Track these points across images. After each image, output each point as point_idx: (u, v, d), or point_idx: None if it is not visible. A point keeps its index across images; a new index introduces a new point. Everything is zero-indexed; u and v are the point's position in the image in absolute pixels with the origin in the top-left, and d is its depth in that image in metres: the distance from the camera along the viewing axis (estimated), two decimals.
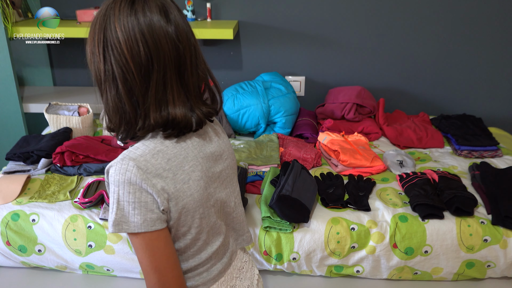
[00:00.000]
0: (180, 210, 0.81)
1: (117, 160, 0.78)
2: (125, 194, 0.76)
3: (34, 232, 1.54)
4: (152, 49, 0.76)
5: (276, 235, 1.52)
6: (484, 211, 1.59)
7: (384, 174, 1.86)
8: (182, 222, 0.82)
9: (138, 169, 0.76)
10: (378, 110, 2.32)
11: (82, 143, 1.86)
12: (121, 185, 0.76)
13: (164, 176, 0.78)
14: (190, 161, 0.83)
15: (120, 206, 0.76)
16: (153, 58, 0.76)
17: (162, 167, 0.78)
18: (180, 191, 0.80)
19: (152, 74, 0.77)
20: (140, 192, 0.76)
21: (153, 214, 0.77)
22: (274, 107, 2.18)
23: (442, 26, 2.38)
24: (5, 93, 2.19)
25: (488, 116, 2.53)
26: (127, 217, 0.77)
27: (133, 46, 0.75)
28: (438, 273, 1.56)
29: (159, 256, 0.79)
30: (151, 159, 0.78)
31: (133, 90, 0.77)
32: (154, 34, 0.76)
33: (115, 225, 0.77)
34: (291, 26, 2.41)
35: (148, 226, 0.77)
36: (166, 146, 0.81)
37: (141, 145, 0.80)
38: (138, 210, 0.76)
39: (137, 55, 0.75)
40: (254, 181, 1.75)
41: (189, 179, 0.82)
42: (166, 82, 0.78)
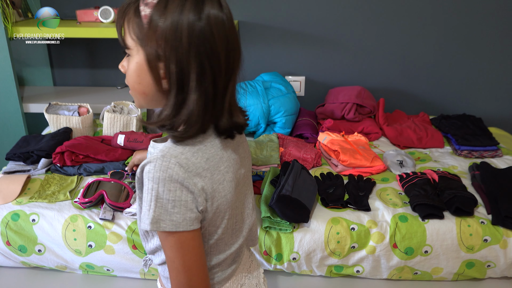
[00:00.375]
0: (215, 211, 0.80)
1: (156, 156, 0.75)
2: (165, 191, 0.74)
3: (34, 232, 1.54)
4: (236, 45, 0.76)
5: (276, 235, 1.52)
6: (484, 211, 1.59)
7: (384, 174, 1.86)
8: (213, 222, 0.82)
9: (180, 167, 0.74)
10: (378, 110, 2.32)
11: (82, 143, 1.86)
12: (161, 182, 0.73)
13: (203, 176, 0.77)
14: (224, 162, 0.82)
15: (159, 203, 0.74)
16: (236, 56, 0.77)
17: (201, 166, 0.77)
18: (216, 191, 0.79)
19: (233, 74, 0.77)
20: (181, 191, 0.74)
21: (192, 213, 0.76)
22: (274, 107, 2.18)
23: (442, 26, 2.38)
24: (5, 93, 2.19)
25: (488, 116, 2.53)
26: (166, 215, 0.75)
27: (223, 40, 0.74)
28: (438, 273, 1.56)
29: (192, 255, 0.78)
30: (191, 158, 0.76)
31: (218, 89, 0.76)
32: (234, 30, 0.77)
33: (153, 223, 0.75)
34: (291, 26, 2.41)
35: (187, 225, 0.75)
36: (205, 145, 0.79)
37: (179, 143, 0.78)
38: (178, 208, 0.75)
39: (226, 50, 0.74)
40: (254, 181, 1.75)
41: (224, 180, 0.81)
42: (234, 87, 0.80)
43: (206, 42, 0.72)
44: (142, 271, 1.58)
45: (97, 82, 2.66)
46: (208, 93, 0.75)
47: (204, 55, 0.72)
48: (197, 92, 0.74)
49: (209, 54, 0.73)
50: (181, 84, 0.74)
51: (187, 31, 0.71)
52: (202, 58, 0.72)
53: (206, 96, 0.75)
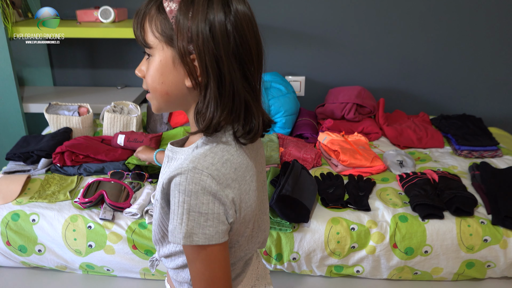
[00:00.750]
0: (241, 221, 0.79)
1: (187, 168, 0.72)
2: (198, 204, 0.71)
3: (34, 232, 1.54)
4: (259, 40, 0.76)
5: (276, 235, 1.52)
6: (484, 211, 1.59)
7: (384, 174, 1.86)
8: (238, 231, 0.80)
9: (212, 179, 0.71)
10: (378, 110, 2.32)
11: (82, 143, 1.86)
12: (194, 195, 0.71)
13: (233, 187, 0.75)
14: (250, 170, 0.80)
15: (192, 217, 0.72)
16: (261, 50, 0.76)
17: (231, 177, 0.75)
18: (243, 201, 0.77)
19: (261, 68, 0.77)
20: (213, 203, 0.72)
21: (224, 225, 0.74)
22: (274, 107, 2.17)
23: (442, 26, 2.38)
24: (5, 93, 2.19)
25: (488, 116, 2.53)
26: (199, 228, 0.72)
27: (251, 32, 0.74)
28: (438, 273, 1.56)
29: (221, 267, 0.76)
30: (221, 168, 0.74)
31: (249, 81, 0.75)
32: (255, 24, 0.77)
33: (187, 237, 0.72)
34: (291, 26, 2.41)
35: (219, 238, 0.74)
36: (232, 154, 0.77)
37: (208, 152, 0.75)
38: (211, 221, 0.72)
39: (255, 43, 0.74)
40: None
41: (250, 189, 0.79)
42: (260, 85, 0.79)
43: (238, 35, 0.71)
44: (142, 271, 1.58)
45: (97, 82, 2.66)
46: (244, 87, 0.73)
47: (238, 48, 0.71)
48: (234, 87, 0.72)
49: (242, 47, 0.72)
50: (219, 78, 0.72)
51: (218, 24, 0.70)
52: (236, 51, 0.71)
53: (241, 91, 0.73)
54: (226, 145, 0.78)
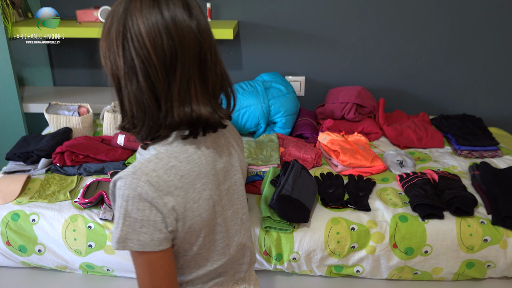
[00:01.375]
0: (187, 230, 0.78)
1: (127, 172, 0.73)
2: (134, 210, 0.72)
3: (34, 232, 1.54)
4: (176, 42, 0.72)
5: (276, 235, 1.52)
6: (484, 211, 1.59)
7: (384, 174, 1.86)
8: (186, 240, 0.80)
9: (150, 185, 0.72)
10: (378, 110, 2.32)
11: (82, 143, 1.86)
12: (131, 201, 0.72)
13: (176, 195, 0.74)
14: (202, 178, 0.79)
15: (127, 222, 0.72)
16: (177, 52, 0.72)
17: (174, 184, 0.74)
18: (189, 210, 0.77)
19: (176, 69, 0.73)
20: (150, 210, 0.72)
21: (161, 234, 0.74)
22: (274, 107, 2.18)
23: (442, 26, 2.38)
24: (5, 93, 2.19)
25: (488, 116, 2.53)
26: (134, 234, 0.73)
27: (156, 39, 0.71)
28: (438, 273, 1.56)
29: (161, 275, 0.76)
30: (163, 175, 0.74)
31: (155, 85, 0.73)
32: (178, 27, 0.72)
33: (120, 242, 0.73)
34: (291, 26, 2.41)
35: (154, 246, 0.74)
36: (180, 161, 0.77)
37: (153, 158, 0.76)
38: (146, 228, 0.73)
39: (161, 49, 0.71)
40: (254, 181, 1.75)
41: (199, 198, 0.78)
42: (189, 78, 0.74)
43: (134, 40, 0.71)
44: None
45: (97, 82, 2.66)
46: (142, 88, 0.73)
47: (132, 52, 0.72)
48: (130, 87, 0.74)
49: (138, 51, 0.71)
50: (118, 81, 0.75)
51: (121, 36, 0.72)
52: (130, 55, 0.72)
53: (141, 91, 0.73)
54: (176, 151, 0.77)
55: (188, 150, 0.79)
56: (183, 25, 0.73)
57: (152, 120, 0.75)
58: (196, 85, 0.76)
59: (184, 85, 0.74)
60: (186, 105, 0.75)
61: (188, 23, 0.73)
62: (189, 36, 0.73)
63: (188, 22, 0.73)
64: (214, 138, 0.85)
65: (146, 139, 0.78)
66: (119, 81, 0.75)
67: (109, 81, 0.77)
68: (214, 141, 0.85)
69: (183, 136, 0.78)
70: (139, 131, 0.77)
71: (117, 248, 0.74)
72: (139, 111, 0.75)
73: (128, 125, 0.78)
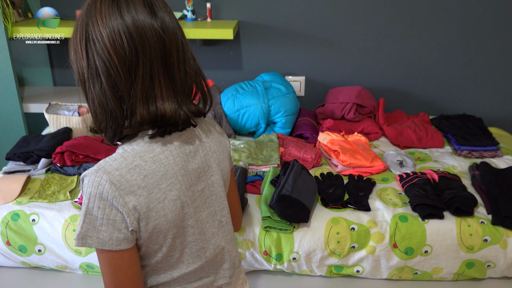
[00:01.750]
0: (151, 230, 0.78)
1: (91, 170, 0.74)
2: (95, 208, 0.73)
3: (34, 232, 1.54)
4: (137, 41, 0.72)
5: (276, 235, 1.52)
6: (484, 211, 1.59)
7: (384, 174, 1.86)
8: (153, 241, 0.80)
9: (111, 184, 0.72)
10: (378, 110, 2.32)
11: (82, 143, 1.86)
12: (92, 199, 0.73)
13: (138, 194, 0.75)
14: (168, 179, 0.78)
15: (88, 219, 0.74)
16: (138, 51, 0.72)
17: (137, 184, 0.75)
18: (153, 210, 0.77)
19: (138, 67, 0.73)
20: (110, 209, 0.73)
21: (120, 233, 0.74)
22: (274, 107, 2.18)
23: (442, 26, 2.38)
24: (5, 93, 2.19)
25: (488, 116, 2.53)
26: (94, 231, 0.74)
27: (115, 39, 0.71)
28: (438, 273, 1.56)
29: (121, 274, 0.77)
30: (126, 174, 0.74)
31: (117, 85, 0.73)
32: (138, 27, 0.72)
33: (80, 239, 0.74)
34: (291, 26, 2.41)
35: (113, 245, 0.74)
36: (145, 161, 0.77)
37: (119, 156, 0.76)
38: (105, 227, 0.73)
39: (120, 48, 0.71)
40: (254, 181, 1.75)
41: (165, 198, 0.78)
42: (153, 76, 0.74)
43: (95, 42, 0.73)
44: None
45: None
46: (105, 90, 0.74)
47: (94, 54, 0.73)
48: (93, 90, 0.75)
49: (99, 52, 0.72)
50: (84, 83, 0.76)
51: (84, 39, 0.74)
52: (93, 57, 0.73)
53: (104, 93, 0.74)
54: (143, 150, 0.78)
55: (155, 149, 0.79)
56: (144, 23, 0.73)
57: (116, 121, 0.76)
58: (161, 82, 0.75)
59: (147, 84, 0.74)
60: (150, 103, 0.75)
61: (150, 22, 0.73)
62: (150, 34, 0.73)
63: (150, 20, 0.73)
64: (187, 138, 0.84)
65: (114, 139, 0.78)
66: (84, 84, 0.76)
67: (76, 84, 0.78)
68: (187, 141, 0.84)
69: (150, 135, 0.78)
70: (105, 132, 0.78)
71: (77, 244, 0.75)
72: (103, 113, 0.76)
73: (95, 126, 0.79)
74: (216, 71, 2.54)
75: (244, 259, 1.56)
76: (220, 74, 2.55)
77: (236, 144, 2.00)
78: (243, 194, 1.64)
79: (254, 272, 1.63)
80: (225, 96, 2.22)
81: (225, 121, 2.18)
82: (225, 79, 2.56)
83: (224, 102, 2.21)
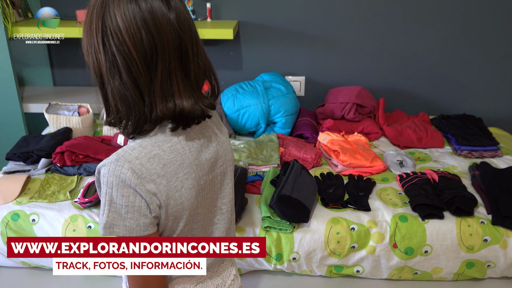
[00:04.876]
0: (169, 217, 0.79)
1: (111, 159, 0.74)
2: (119, 196, 0.73)
3: (34, 232, 1.54)
4: (156, 37, 0.72)
5: (276, 235, 1.52)
6: (484, 211, 1.59)
7: (384, 174, 1.86)
8: (168, 227, 0.81)
9: (132, 172, 0.73)
10: (378, 110, 2.32)
11: (82, 143, 1.86)
12: (115, 187, 0.73)
13: (158, 183, 0.75)
14: (185, 168, 0.80)
15: (113, 208, 0.74)
16: (157, 47, 0.72)
17: (156, 172, 0.75)
18: (172, 198, 0.78)
19: (158, 63, 0.73)
20: (134, 197, 0.74)
21: (147, 219, 0.75)
22: (274, 107, 2.18)
23: (442, 26, 2.38)
24: (5, 93, 2.19)
25: (488, 116, 2.53)
26: (120, 220, 0.74)
27: (135, 34, 0.71)
28: (438, 273, 1.56)
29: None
30: (146, 163, 0.75)
31: (137, 80, 0.73)
32: (156, 21, 0.71)
33: (107, 228, 0.75)
34: (291, 26, 2.41)
35: (141, 231, 0.75)
36: (163, 150, 0.78)
37: (137, 146, 0.77)
38: (131, 214, 0.74)
39: (140, 44, 0.71)
40: (254, 181, 1.75)
41: (182, 187, 0.79)
42: (171, 72, 0.74)
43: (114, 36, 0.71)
44: None
45: None
46: (126, 83, 0.73)
47: (113, 48, 0.72)
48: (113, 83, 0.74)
49: (118, 47, 0.71)
50: (100, 77, 0.75)
51: (101, 32, 0.73)
52: (111, 50, 0.72)
53: (125, 86, 0.73)
54: (160, 140, 0.78)
55: (172, 139, 0.80)
56: (162, 18, 0.72)
57: (139, 113, 0.75)
58: (178, 78, 0.76)
59: (166, 79, 0.74)
60: (169, 100, 0.75)
61: (167, 16, 0.73)
62: (168, 29, 0.73)
63: (167, 14, 0.73)
64: (200, 129, 0.86)
65: (133, 133, 0.78)
66: (101, 77, 0.75)
67: (92, 77, 0.77)
68: (201, 132, 0.85)
69: (171, 128, 0.79)
70: (125, 125, 0.77)
71: (104, 234, 0.75)
72: (124, 106, 0.75)
73: (114, 120, 0.78)
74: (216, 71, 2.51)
75: (244, 259, 1.56)
76: (220, 74, 2.55)
77: (236, 144, 2.00)
78: (243, 194, 1.64)
79: (254, 272, 1.63)
80: (225, 96, 2.22)
81: (225, 121, 2.18)
82: (225, 79, 2.56)
83: (224, 102, 2.21)
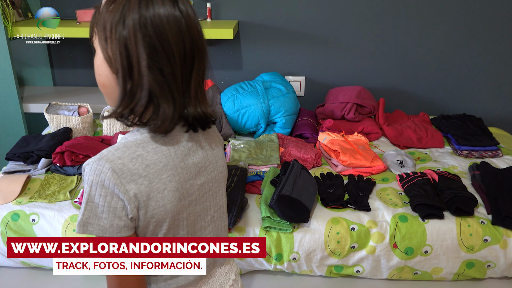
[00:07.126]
0: (149, 219, 0.79)
1: (94, 159, 0.75)
2: (96, 196, 0.74)
3: (34, 232, 1.54)
4: (194, 40, 0.76)
5: (276, 235, 1.52)
6: (484, 211, 1.59)
7: (384, 174, 1.86)
8: (149, 230, 0.81)
9: (113, 172, 0.74)
10: (378, 110, 2.32)
11: (82, 143, 1.86)
12: (94, 186, 0.74)
13: (139, 183, 0.76)
14: (169, 170, 0.80)
15: (89, 207, 0.75)
16: (195, 51, 0.76)
17: (138, 173, 0.76)
18: (153, 200, 0.78)
19: (193, 70, 0.77)
20: (111, 197, 0.74)
21: (121, 221, 0.76)
22: (274, 107, 2.18)
23: (442, 26, 2.38)
24: (5, 93, 2.19)
25: (488, 116, 2.53)
26: (94, 219, 0.75)
27: (178, 39, 0.74)
28: (438, 273, 1.56)
29: None
30: (128, 163, 0.75)
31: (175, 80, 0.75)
32: (191, 25, 0.76)
33: (81, 226, 0.76)
34: (291, 26, 2.41)
35: (113, 232, 0.76)
36: (147, 151, 0.78)
37: (122, 146, 0.77)
38: (106, 214, 0.75)
39: (182, 48, 0.74)
40: (254, 181, 1.75)
41: (165, 188, 0.79)
42: (200, 80, 0.79)
43: (154, 30, 0.72)
44: None
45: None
46: (158, 79, 0.73)
47: (151, 40, 0.72)
48: (147, 77, 0.73)
49: (159, 40, 0.72)
50: (129, 67, 0.74)
51: (132, 16, 0.72)
52: (150, 43, 0.72)
53: (157, 83, 0.73)
54: (145, 141, 0.79)
55: (157, 141, 0.80)
56: (194, 22, 0.77)
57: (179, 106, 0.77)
58: (201, 85, 0.80)
59: (196, 86, 0.78)
60: (197, 105, 0.79)
61: (196, 21, 0.78)
62: (197, 34, 0.77)
63: (195, 19, 0.78)
64: (190, 133, 0.86)
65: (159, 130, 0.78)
66: (131, 69, 0.74)
67: (114, 67, 0.75)
68: (190, 136, 0.86)
69: (186, 130, 0.81)
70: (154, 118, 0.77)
71: (78, 232, 0.76)
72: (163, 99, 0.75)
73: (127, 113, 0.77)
74: (216, 71, 2.54)
75: (244, 259, 1.56)
76: (220, 74, 2.55)
77: (236, 144, 2.00)
78: (243, 194, 1.64)
79: (254, 272, 1.63)
80: (225, 96, 2.22)
81: (225, 121, 2.18)
82: (225, 79, 2.56)
83: (224, 102, 2.21)
